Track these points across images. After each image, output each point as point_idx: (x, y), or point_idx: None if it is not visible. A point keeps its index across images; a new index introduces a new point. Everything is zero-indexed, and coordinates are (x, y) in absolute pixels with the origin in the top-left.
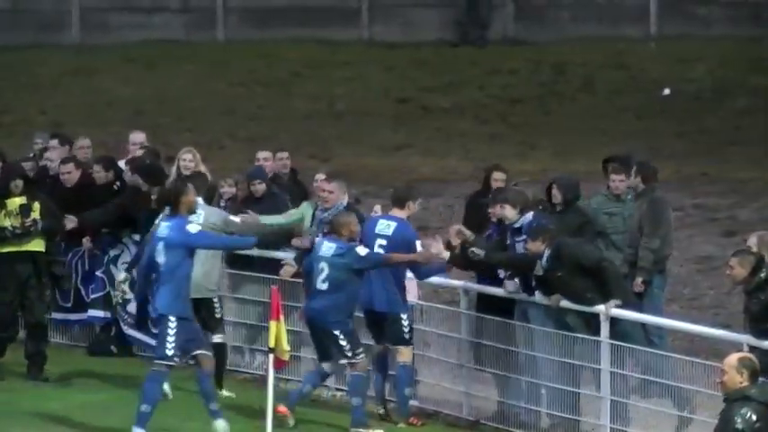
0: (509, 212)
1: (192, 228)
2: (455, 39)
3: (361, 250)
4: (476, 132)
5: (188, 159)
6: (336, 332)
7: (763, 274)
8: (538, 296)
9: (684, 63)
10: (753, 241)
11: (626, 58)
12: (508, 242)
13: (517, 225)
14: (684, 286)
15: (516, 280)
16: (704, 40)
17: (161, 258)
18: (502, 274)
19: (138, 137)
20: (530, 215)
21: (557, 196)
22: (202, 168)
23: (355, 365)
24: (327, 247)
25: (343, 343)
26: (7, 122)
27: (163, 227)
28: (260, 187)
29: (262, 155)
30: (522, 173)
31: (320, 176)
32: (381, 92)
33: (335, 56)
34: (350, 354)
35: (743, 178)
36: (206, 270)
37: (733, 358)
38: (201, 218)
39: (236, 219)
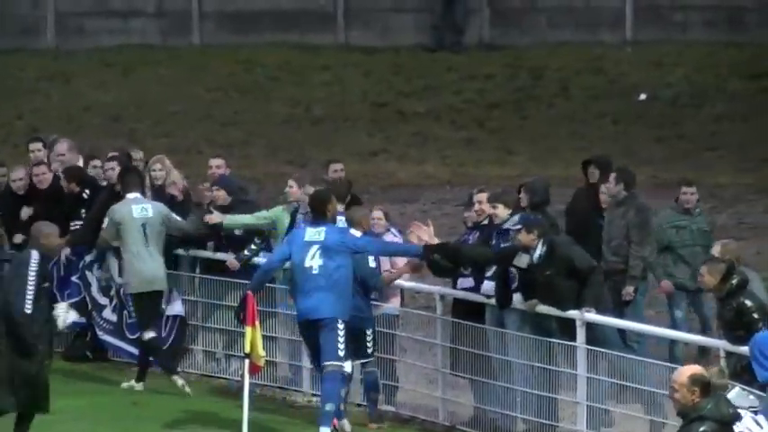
0: (501, 212)
1: (356, 233)
2: (432, 44)
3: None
4: (452, 137)
5: (157, 169)
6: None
7: (734, 281)
8: (514, 301)
9: (661, 68)
10: (716, 249)
11: (603, 63)
12: (492, 242)
13: (505, 226)
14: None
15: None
16: (681, 44)
17: (314, 263)
18: (466, 282)
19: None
20: (516, 217)
21: (523, 199)
22: (174, 175)
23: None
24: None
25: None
26: None
27: (312, 232)
28: (220, 194)
29: (214, 162)
30: (500, 178)
31: (291, 182)
32: (358, 97)
33: (312, 61)
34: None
35: (720, 183)
36: (160, 263)
37: (683, 376)
38: (150, 211)
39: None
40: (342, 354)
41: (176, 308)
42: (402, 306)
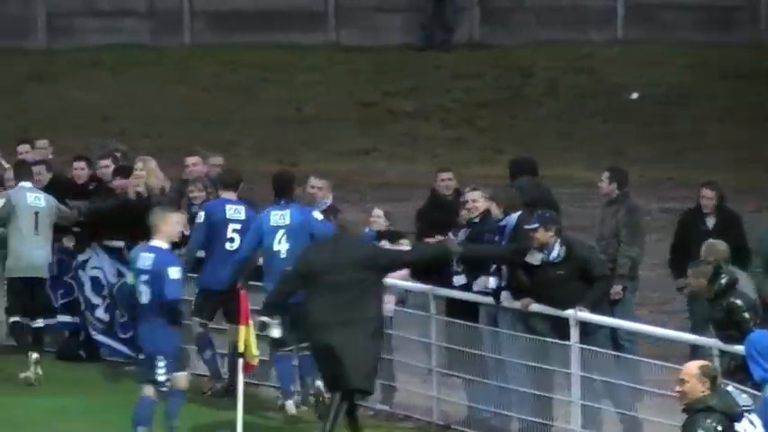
0: (494, 210)
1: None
2: (420, 43)
3: None
4: (441, 136)
5: (138, 168)
6: None
7: (723, 281)
8: (506, 300)
9: (650, 67)
10: (703, 251)
11: (592, 61)
12: (495, 238)
13: (502, 223)
14: (653, 291)
15: (495, 278)
16: (670, 44)
17: (282, 247)
18: (459, 280)
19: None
20: (515, 215)
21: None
22: (157, 176)
23: None
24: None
25: None
26: None
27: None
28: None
29: (191, 160)
30: (488, 177)
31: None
32: (347, 96)
33: (301, 60)
34: None
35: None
36: (46, 252)
37: (694, 367)
38: (42, 201)
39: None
40: None
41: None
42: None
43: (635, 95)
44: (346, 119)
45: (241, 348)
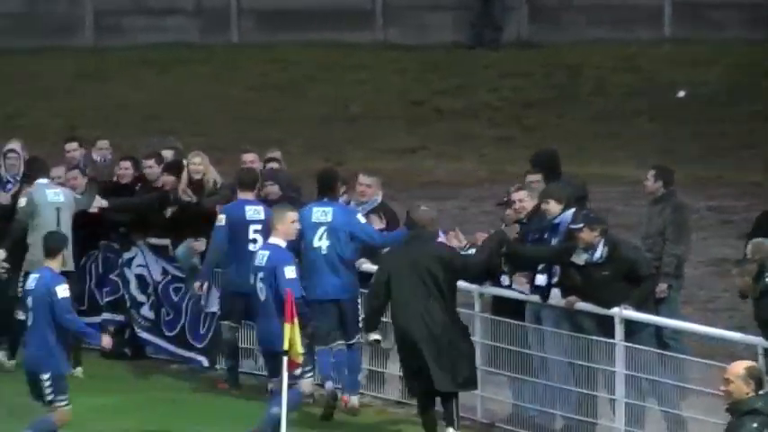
0: (553, 207)
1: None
2: (469, 41)
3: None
4: (489, 135)
5: (197, 163)
6: None
7: (767, 280)
8: (554, 299)
9: (698, 66)
10: (749, 249)
11: (640, 60)
12: (545, 236)
13: (556, 221)
14: (699, 289)
15: (545, 275)
16: (718, 43)
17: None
18: (506, 280)
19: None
20: (569, 213)
21: None
22: (211, 171)
23: None
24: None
25: None
26: (21, 126)
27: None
28: (272, 189)
29: (247, 157)
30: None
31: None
32: (395, 95)
33: (349, 59)
34: None
35: (757, 181)
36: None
37: (740, 367)
38: (62, 196)
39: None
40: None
41: (215, 305)
42: None
43: (682, 93)
44: (394, 117)
45: (285, 346)
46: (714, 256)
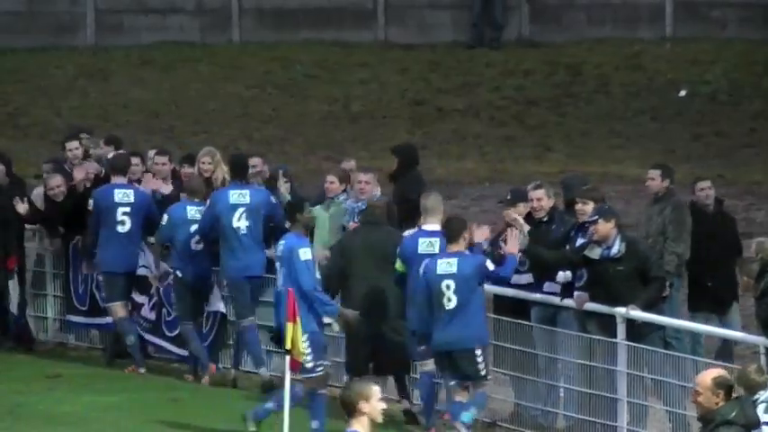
0: (590, 209)
1: None
2: (470, 40)
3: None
4: (491, 134)
5: (207, 162)
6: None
7: None
8: (565, 300)
9: (699, 65)
10: (753, 248)
11: (641, 59)
12: (572, 235)
13: (582, 220)
14: None
15: (568, 272)
16: (719, 41)
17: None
18: (521, 279)
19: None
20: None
21: (560, 195)
22: (222, 169)
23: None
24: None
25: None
26: (23, 125)
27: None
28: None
29: (253, 161)
30: (538, 175)
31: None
32: (396, 94)
33: (350, 58)
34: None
35: (758, 180)
36: None
37: (707, 379)
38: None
39: None
40: None
41: (217, 305)
42: None
43: (683, 93)
44: (396, 116)
45: (288, 346)
46: None
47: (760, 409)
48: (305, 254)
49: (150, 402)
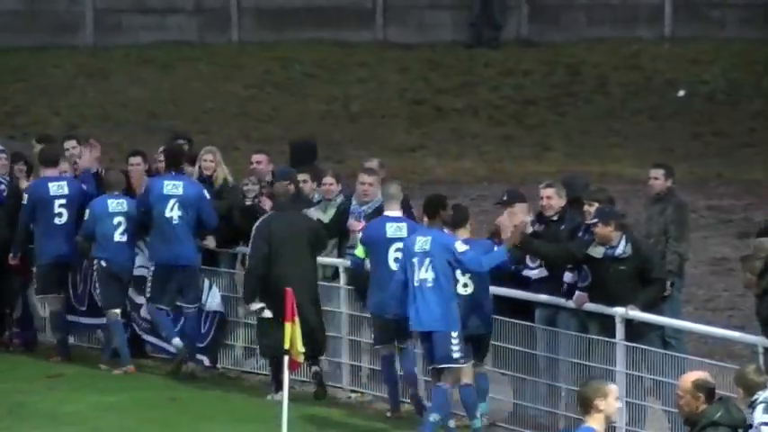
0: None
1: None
2: (469, 40)
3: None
4: (490, 133)
5: (208, 160)
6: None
7: None
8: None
9: (698, 64)
10: (752, 247)
11: (640, 59)
12: (579, 234)
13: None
14: (699, 288)
15: (573, 274)
16: (718, 41)
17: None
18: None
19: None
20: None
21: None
22: (222, 168)
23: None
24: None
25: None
26: (21, 124)
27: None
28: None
29: (256, 158)
30: (537, 174)
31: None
32: (395, 93)
33: (350, 57)
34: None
35: (757, 179)
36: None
37: (687, 382)
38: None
39: None
40: None
41: (216, 304)
42: None
43: (682, 93)
44: (395, 116)
45: (287, 345)
46: (713, 256)
47: (759, 409)
48: (461, 246)
49: (149, 402)
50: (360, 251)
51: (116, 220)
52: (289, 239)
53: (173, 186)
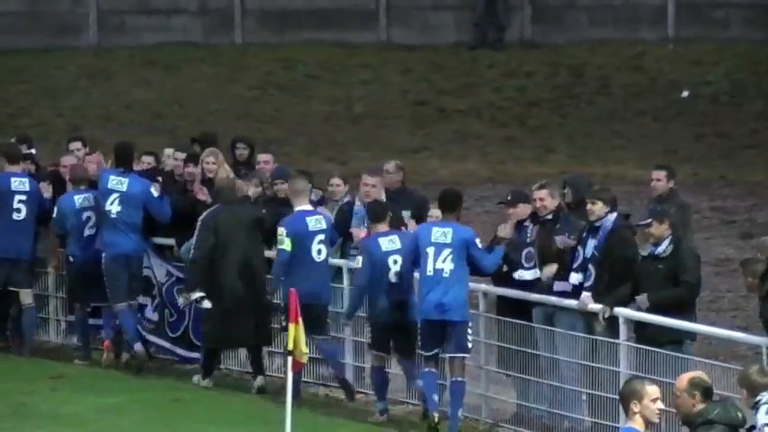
0: (599, 209)
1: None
2: (472, 41)
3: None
4: (493, 135)
5: (210, 162)
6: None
7: None
8: (580, 302)
9: (701, 66)
10: (754, 247)
11: (643, 60)
12: (584, 236)
13: (597, 224)
14: (702, 289)
15: (580, 274)
16: (721, 42)
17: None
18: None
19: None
20: (613, 216)
21: (568, 195)
22: (225, 169)
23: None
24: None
25: None
26: (25, 125)
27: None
28: (283, 187)
29: (263, 158)
30: (540, 175)
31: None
32: (399, 94)
33: (353, 59)
34: None
35: (760, 181)
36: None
37: (683, 381)
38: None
39: None
40: None
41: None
42: None
43: (685, 94)
44: (398, 117)
45: (290, 346)
46: (717, 257)
47: (762, 410)
48: (479, 242)
49: (152, 403)
50: (287, 244)
51: (84, 215)
52: (234, 230)
53: (117, 182)
